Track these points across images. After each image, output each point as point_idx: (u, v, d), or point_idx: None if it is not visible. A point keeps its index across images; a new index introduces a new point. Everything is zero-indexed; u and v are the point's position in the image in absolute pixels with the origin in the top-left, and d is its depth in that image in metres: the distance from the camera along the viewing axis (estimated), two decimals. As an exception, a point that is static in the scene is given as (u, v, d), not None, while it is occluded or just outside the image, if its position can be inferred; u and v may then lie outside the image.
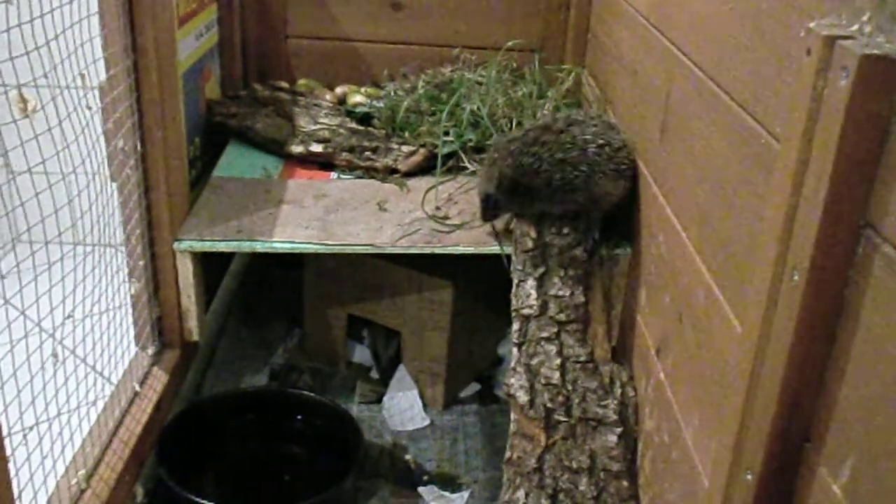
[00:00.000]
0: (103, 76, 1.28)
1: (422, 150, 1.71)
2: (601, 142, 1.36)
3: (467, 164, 1.68)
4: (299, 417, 1.57)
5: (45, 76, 1.06)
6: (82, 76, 1.18)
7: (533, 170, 1.34)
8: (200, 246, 1.44)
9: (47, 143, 1.11)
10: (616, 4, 1.67)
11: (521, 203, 1.40)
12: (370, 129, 1.79)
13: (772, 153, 0.81)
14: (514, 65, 1.96)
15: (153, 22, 1.32)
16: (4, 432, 0.95)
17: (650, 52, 1.35)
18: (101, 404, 1.35)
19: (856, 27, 0.66)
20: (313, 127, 1.77)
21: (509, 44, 1.94)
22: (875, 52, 0.60)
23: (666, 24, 1.27)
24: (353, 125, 1.79)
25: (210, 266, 1.59)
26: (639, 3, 1.46)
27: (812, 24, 0.69)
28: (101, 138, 1.29)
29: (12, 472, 0.97)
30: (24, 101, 1.01)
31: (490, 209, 1.42)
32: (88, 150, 1.23)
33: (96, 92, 1.27)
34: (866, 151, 0.62)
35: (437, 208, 1.55)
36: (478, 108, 1.73)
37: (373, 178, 1.69)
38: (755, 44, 0.89)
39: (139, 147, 1.37)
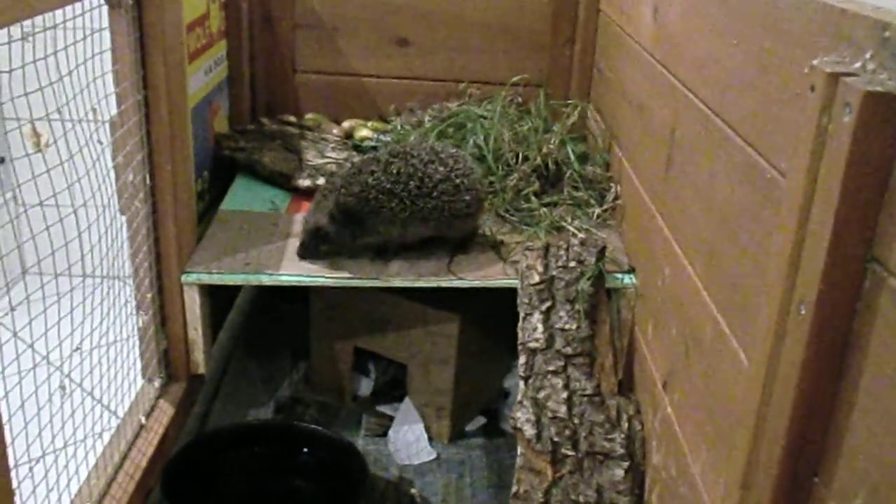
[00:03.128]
0: (114, 111, 1.29)
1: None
2: (421, 178, 1.44)
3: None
4: (305, 451, 1.56)
5: (59, 111, 1.08)
6: (94, 111, 1.20)
7: (363, 197, 1.43)
8: (208, 279, 1.45)
9: (58, 177, 1.13)
10: (621, 40, 1.69)
11: (352, 233, 1.46)
12: (377, 162, 1.80)
13: (777, 188, 0.82)
14: (520, 99, 1.98)
15: (164, 58, 1.33)
16: (11, 464, 0.95)
17: (655, 88, 1.36)
18: (107, 437, 1.35)
19: (859, 64, 0.67)
20: (320, 161, 1.79)
21: (515, 79, 1.96)
22: (878, 88, 0.61)
23: (671, 60, 1.28)
24: (360, 159, 1.80)
25: (217, 299, 1.60)
26: (644, 40, 1.48)
27: (815, 62, 0.70)
28: (112, 172, 1.30)
29: (18, 505, 0.97)
30: (37, 135, 1.02)
31: (317, 243, 1.47)
32: (99, 183, 1.24)
33: (107, 126, 1.28)
34: (871, 186, 0.63)
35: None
36: (483, 142, 1.75)
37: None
38: (760, 80, 0.90)
39: (148, 180, 1.38)
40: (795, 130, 0.74)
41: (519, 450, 1.29)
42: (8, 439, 1.02)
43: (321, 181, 1.74)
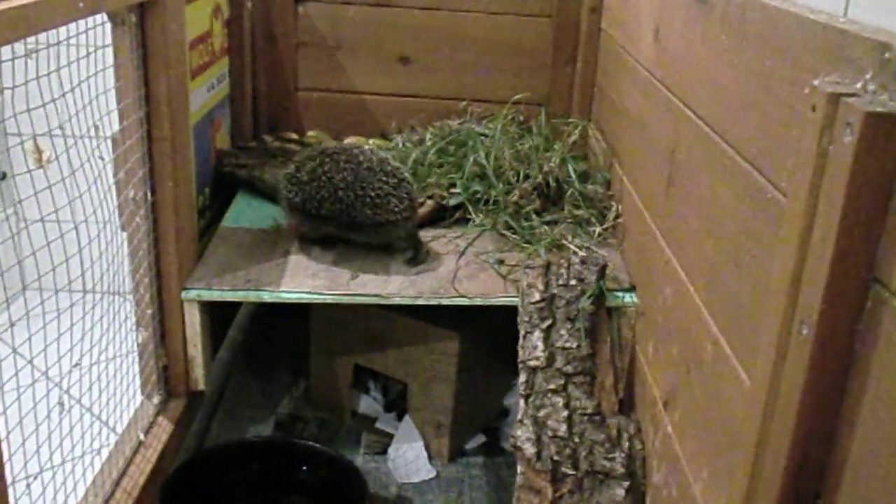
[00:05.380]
0: (116, 127, 1.30)
1: (429, 202, 1.72)
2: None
3: (473, 216, 1.70)
4: (304, 468, 1.55)
5: (61, 127, 1.08)
6: (96, 127, 1.20)
7: (291, 176, 1.55)
8: (208, 295, 1.45)
9: (60, 192, 1.13)
10: (622, 59, 1.70)
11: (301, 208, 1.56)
12: (378, 180, 1.80)
13: (778, 208, 0.82)
14: (522, 118, 1.99)
15: (167, 75, 1.34)
16: (9, 480, 0.94)
17: (656, 107, 1.37)
18: (105, 453, 1.34)
19: (859, 85, 0.67)
20: (322, 178, 1.79)
21: (516, 97, 1.96)
22: (879, 109, 0.61)
23: (672, 79, 1.29)
24: (362, 176, 1.80)
25: (216, 315, 1.59)
26: (644, 59, 1.48)
27: (816, 82, 0.71)
28: (113, 188, 1.30)
29: (16, 522, 0.97)
30: (39, 151, 1.03)
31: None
32: (100, 199, 1.24)
33: (109, 142, 1.29)
34: (872, 206, 0.63)
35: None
36: (485, 160, 1.75)
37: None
38: (761, 100, 0.90)
39: (149, 197, 1.38)
40: (796, 150, 0.75)
41: (519, 468, 1.28)
42: (6, 455, 1.01)
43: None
